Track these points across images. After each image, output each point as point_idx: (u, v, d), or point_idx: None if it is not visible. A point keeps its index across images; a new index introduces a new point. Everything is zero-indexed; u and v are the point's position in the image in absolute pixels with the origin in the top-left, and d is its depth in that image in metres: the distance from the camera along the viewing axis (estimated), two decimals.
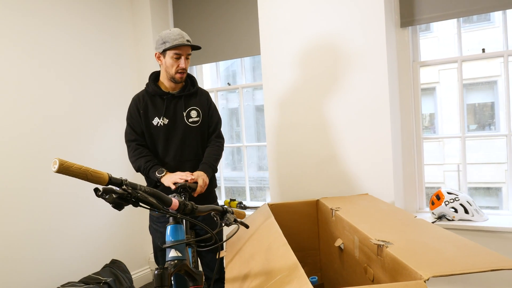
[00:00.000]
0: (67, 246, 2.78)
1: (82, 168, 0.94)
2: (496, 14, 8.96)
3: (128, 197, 0.98)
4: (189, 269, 1.15)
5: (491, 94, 9.64)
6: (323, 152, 2.67)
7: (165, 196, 1.12)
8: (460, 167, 2.48)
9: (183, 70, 2.12)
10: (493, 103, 9.77)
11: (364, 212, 1.94)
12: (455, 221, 2.36)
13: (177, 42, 2.05)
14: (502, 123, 9.61)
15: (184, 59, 2.12)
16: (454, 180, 9.55)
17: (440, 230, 1.54)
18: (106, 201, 0.96)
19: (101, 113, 3.12)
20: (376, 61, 2.46)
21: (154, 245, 2.26)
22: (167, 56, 2.12)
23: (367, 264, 1.58)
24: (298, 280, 1.16)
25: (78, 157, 2.89)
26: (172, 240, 1.19)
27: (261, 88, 2.82)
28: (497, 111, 9.50)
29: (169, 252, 1.18)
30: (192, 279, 1.16)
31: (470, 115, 10.07)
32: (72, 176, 0.93)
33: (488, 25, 9.17)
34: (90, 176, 0.95)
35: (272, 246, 1.57)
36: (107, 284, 2.57)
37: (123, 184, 1.01)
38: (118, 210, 0.99)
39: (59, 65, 2.81)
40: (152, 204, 1.04)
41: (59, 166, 0.89)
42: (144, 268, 3.45)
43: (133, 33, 3.47)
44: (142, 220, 3.43)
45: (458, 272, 1.13)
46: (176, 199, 1.15)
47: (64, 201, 2.79)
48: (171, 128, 2.16)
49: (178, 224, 1.21)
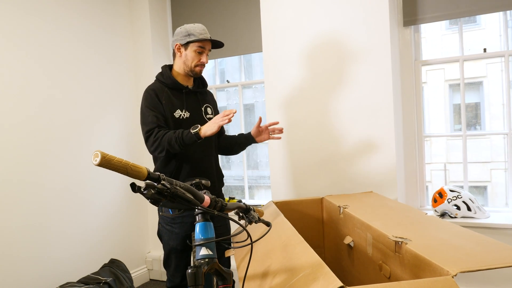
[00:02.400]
0: (64, 244, 2.72)
1: (122, 162, 0.91)
2: (482, 17, 9.13)
3: (167, 192, 0.96)
4: (220, 267, 1.13)
5: (477, 95, 9.82)
6: (326, 150, 2.67)
7: (198, 192, 1.09)
8: (447, 166, 2.51)
9: (203, 64, 2.12)
10: (478, 104, 9.96)
11: (374, 210, 1.94)
12: (458, 219, 2.39)
13: (203, 36, 2.04)
14: (487, 123, 9.82)
15: (206, 55, 2.11)
16: (441, 179, 9.70)
17: (454, 227, 1.55)
18: (144, 196, 0.93)
19: (97, 109, 3.06)
20: (380, 60, 2.47)
21: (167, 247, 2.20)
22: (189, 49, 2.09)
23: (382, 261, 1.58)
24: (325, 277, 1.15)
25: (74, 154, 2.83)
26: (202, 238, 1.16)
27: (250, 87, 2.82)
28: (483, 111, 9.69)
29: (199, 251, 1.16)
30: (221, 278, 1.14)
31: (456, 115, 10.25)
32: (111, 170, 0.90)
33: (474, 27, 9.36)
34: (130, 170, 0.92)
35: (288, 244, 1.56)
36: (107, 284, 2.52)
37: (161, 180, 0.99)
38: (155, 206, 0.97)
39: (54, 60, 2.74)
40: (189, 200, 1.01)
41: (101, 159, 0.86)
42: (141, 268, 3.40)
43: (131, 29, 3.41)
44: (139, 219, 3.39)
45: (484, 267, 1.14)
46: (207, 196, 1.13)
47: (61, 197, 2.72)
48: (194, 121, 2.11)
49: (207, 222, 1.19)
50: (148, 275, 3.45)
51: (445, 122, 10.18)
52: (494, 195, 9.38)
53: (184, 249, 2.18)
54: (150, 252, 3.48)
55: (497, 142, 9.48)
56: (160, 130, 2.00)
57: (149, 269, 3.45)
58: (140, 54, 3.41)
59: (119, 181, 3.19)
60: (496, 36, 9.17)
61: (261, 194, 8.70)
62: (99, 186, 3.02)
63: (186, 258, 2.23)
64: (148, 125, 2.03)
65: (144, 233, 3.45)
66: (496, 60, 9.25)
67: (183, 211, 2.13)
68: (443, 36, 9.88)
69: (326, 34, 2.62)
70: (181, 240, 2.15)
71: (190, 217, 2.14)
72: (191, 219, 2.14)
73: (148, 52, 3.37)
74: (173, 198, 0.97)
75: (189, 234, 2.16)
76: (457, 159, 9.69)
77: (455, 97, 10.16)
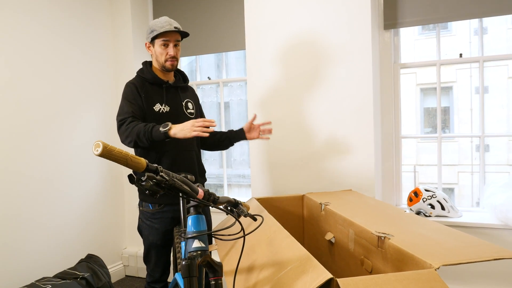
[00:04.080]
0: (39, 238, 2.64)
1: (123, 153, 0.90)
2: (454, 24, 9.45)
3: (165, 184, 0.96)
4: (212, 260, 1.14)
5: (446, 99, 10.16)
6: (306, 149, 2.71)
7: (193, 185, 1.10)
8: (417, 168, 2.60)
9: (172, 57, 2.09)
10: (447, 108, 10.30)
11: (355, 207, 1.99)
12: (432, 217, 2.47)
13: (164, 29, 2.02)
14: (456, 127, 10.17)
15: (173, 46, 2.08)
16: (410, 180, 9.98)
17: (433, 224, 1.62)
18: (142, 188, 0.93)
19: (76, 103, 2.98)
20: (362, 61, 2.53)
21: (146, 242, 2.18)
22: (156, 45, 2.09)
23: (364, 256, 1.63)
24: (314, 269, 1.18)
25: (51, 149, 2.76)
26: (195, 230, 1.17)
27: (226, 85, 2.82)
28: (452, 116, 10.04)
29: (192, 243, 1.16)
30: (213, 270, 1.14)
31: (426, 119, 10.58)
32: (112, 160, 0.89)
33: (445, 33, 9.67)
34: (130, 161, 0.91)
35: (273, 238, 1.58)
36: (85, 280, 2.47)
37: (159, 172, 0.99)
38: (153, 197, 0.96)
39: (31, 53, 2.65)
40: (186, 192, 1.01)
41: (102, 149, 0.85)
42: (116, 264, 3.35)
43: (111, 23, 3.35)
44: (116, 214, 3.34)
45: (465, 261, 1.19)
46: (200, 189, 1.14)
47: (38, 190, 2.64)
48: (173, 116, 2.12)
49: (200, 215, 1.19)
50: (124, 271, 3.40)
51: (416, 125, 10.49)
52: (461, 197, 9.74)
53: (165, 245, 2.18)
54: (126, 248, 3.43)
55: (465, 146, 9.84)
56: (133, 121, 1.96)
57: (125, 265, 3.40)
58: (121, 48, 3.35)
59: (97, 175, 3.13)
60: (467, 43, 9.52)
61: (234, 192, 8.72)
62: (76, 179, 2.95)
63: (167, 254, 2.22)
64: (123, 114, 2.01)
65: (120, 228, 3.40)
66: (466, 66, 9.60)
67: (163, 206, 2.12)
68: (416, 41, 10.18)
69: (309, 34, 2.65)
70: (161, 235, 2.14)
71: (170, 212, 2.14)
72: (171, 214, 2.14)
73: (129, 47, 3.32)
74: (170, 190, 0.97)
75: (169, 229, 2.15)
76: (426, 161, 10.01)
77: (426, 101, 10.49)
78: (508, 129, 9.34)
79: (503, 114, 9.58)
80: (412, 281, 1.09)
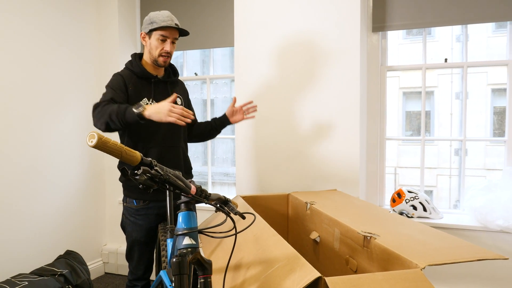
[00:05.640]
0: (15, 233, 2.57)
1: (117, 145, 0.88)
2: (437, 30, 9.64)
3: (159, 178, 0.94)
4: (202, 257, 1.12)
5: (427, 104, 10.35)
6: (292, 148, 2.72)
7: (186, 181, 1.08)
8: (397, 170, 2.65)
9: (167, 53, 2.05)
10: (428, 112, 10.50)
11: (340, 206, 2.00)
12: (414, 218, 2.51)
13: (165, 24, 1.98)
14: (436, 130, 10.37)
15: (170, 43, 2.05)
16: (391, 182, 10.14)
17: (418, 224, 1.64)
18: (136, 182, 0.91)
19: (59, 96, 2.91)
20: (350, 62, 2.55)
21: (129, 239, 2.14)
22: (153, 37, 2.04)
23: (349, 255, 1.64)
24: (302, 268, 1.18)
25: (30, 144, 2.69)
26: (185, 227, 1.15)
27: (210, 82, 2.80)
28: (432, 120, 10.24)
29: (183, 240, 1.14)
30: (202, 268, 1.13)
31: (408, 122, 10.75)
32: (106, 152, 0.87)
33: (428, 39, 9.85)
34: (124, 154, 0.89)
35: (260, 237, 1.57)
36: (63, 276, 2.41)
37: (153, 166, 0.97)
38: (147, 192, 0.94)
39: (14, 45, 2.57)
40: (180, 187, 1.00)
41: (97, 140, 0.83)
42: (96, 261, 3.29)
43: (97, 16, 3.28)
44: (96, 210, 3.27)
45: (449, 261, 1.21)
46: (193, 185, 1.12)
47: (15, 184, 2.57)
48: None
49: (190, 211, 1.17)
50: (104, 268, 3.34)
51: (397, 128, 10.66)
52: (439, 199, 9.94)
53: (148, 242, 2.15)
54: (106, 245, 3.38)
55: (444, 150, 10.05)
56: (109, 103, 1.87)
57: (104, 262, 3.34)
58: (107, 42, 3.29)
59: (77, 169, 3.07)
60: (449, 49, 9.72)
61: (217, 191, 8.68)
62: (55, 173, 2.88)
63: (150, 251, 2.19)
64: (101, 99, 1.94)
65: (101, 224, 3.34)
66: (447, 72, 9.80)
67: (148, 202, 2.10)
68: (400, 45, 10.33)
69: (298, 34, 2.66)
70: (145, 232, 2.11)
71: (155, 209, 2.11)
72: (155, 211, 2.11)
73: (114, 40, 3.26)
74: (164, 184, 0.96)
75: (153, 226, 2.12)
76: (406, 163, 10.17)
77: (408, 105, 10.66)
78: (486, 134, 9.58)
79: (481, 120, 9.82)
80: (399, 281, 1.11)
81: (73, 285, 2.45)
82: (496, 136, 8.62)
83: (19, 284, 2.23)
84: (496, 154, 9.57)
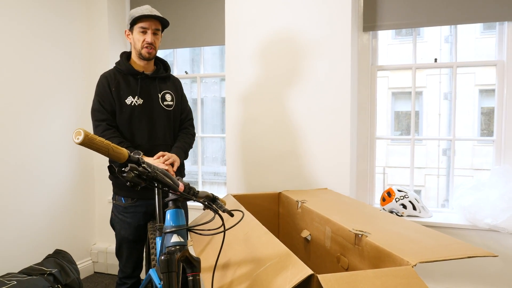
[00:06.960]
0: (3, 232, 2.52)
1: (104, 142, 0.87)
2: (426, 31, 9.72)
3: (147, 176, 0.93)
4: (190, 255, 1.11)
5: (416, 104, 10.44)
6: (283, 147, 2.72)
7: (174, 178, 1.07)
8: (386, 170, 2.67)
9: (149, 44, 2.04)
10: (416, 112, 10.60)
11: (331, 205, 2.01)
12: (404, 217, 2.53)
13: (142, 13, 1.99)
14: (424, 131, 10.46)
15: (151, 33, 2.04)
16: (379, 182, 10.20)
17: (409, 223, 1.65)
18: (123, 179, 0.90)
19: (47, 94, 2.86)
20: (340, 61, 2.55)
21: (118, 236, 2.13)
22: (134, 32, 2.06)
23: (341, 253, 1.64)
24: (294, 265, 1.18)
25: (19, 142, 2.64)
26: (173, 225, 1.14)
27: (200, 81, 2.79)
28: (421, 119, 10.32)
29: (171, 238, 1.13)
30: (191, 266, 1.12)
31: (396, 122, 10.83)
32: (92, 149, 0.85)
33: (418, 40, 9.94)
34: (111, 151, 0.88)
35: (251, 235, 1.57)
36: (52, 276, 2.38)
37: (141, 163, 0.95)
38: (135, 189, 0.93)
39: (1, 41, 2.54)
40: (168, 184, 0.99)
41: (83, 137, 0.81)
42: (85, 260, 3.25)
43: (87, 13, 3.23)
44: (85, 209, 3.24)
45: (440, 258, 1.22)
46: (181, 182, 1.11)
47: (3, 180, 2.53)
48: (146, 108, 2.07)
49: (178, 209, 1.16)
50: (93, 268, 3.31)
51: (386, 127, 10.73)
52: (427, 198, 10.03)
53: (137, 240, 2.13)
54: (96, 244, 3.34)
55: (432, 150, 10.15)
56: (108, 129, 2.00)
57: (94, 262, 3.30)
58: (96, 40, 3.25)
59: (66, 167, 3.02)
60: (438, 49, 9.81)
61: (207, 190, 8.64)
62: (44, 171, 2.84)
63: (139, 249, 2.18)
64: (95, 115, 2.03)
65: (90, 223, 3.30)
66: (435, 72, 9.90)
67: (136, 200, 2.08)
68: (389, 45, 10.40)
69: (290, 32, 2.66)
70: (133, 230, 2.10)
71: (143, 206, 2.10)
72: (144, 208, 2.10)
73: (104, 37, 3.22)
74: (152, 181, 0.94)
75: (142, 224, 2.11)
76: (395, 163, 10.25)
77: (397, 105, 10.74)
78: (474, 135, 9.70)
79: (468, 120, 9.93)
80: (390, 278, 1.11)
81: (62, 284, 2.42)
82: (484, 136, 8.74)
83: (8, 284, 2.19)
84: (483, 154, 9.69)
